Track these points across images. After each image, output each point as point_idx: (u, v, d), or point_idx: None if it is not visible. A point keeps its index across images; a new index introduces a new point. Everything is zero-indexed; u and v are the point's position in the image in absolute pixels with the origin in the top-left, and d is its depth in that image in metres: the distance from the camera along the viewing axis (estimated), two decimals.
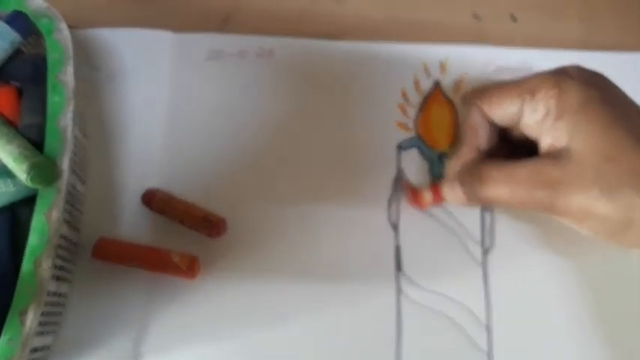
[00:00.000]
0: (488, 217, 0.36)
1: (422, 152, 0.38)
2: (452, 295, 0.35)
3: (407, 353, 0.33)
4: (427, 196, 0.35)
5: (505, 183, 0.29)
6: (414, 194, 0.36)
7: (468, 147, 0.32)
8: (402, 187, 0.37)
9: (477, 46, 0.40)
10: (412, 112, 0.39)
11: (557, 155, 0.28)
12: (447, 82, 0.39)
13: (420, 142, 0.38)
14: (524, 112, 0.29)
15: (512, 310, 0.34)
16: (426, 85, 0.39)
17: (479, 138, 0.32)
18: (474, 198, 0.31)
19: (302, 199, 0.36)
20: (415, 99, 0.39)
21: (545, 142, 0.29)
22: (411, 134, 0.38)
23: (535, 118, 0.29)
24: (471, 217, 0.36)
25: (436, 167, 0.37)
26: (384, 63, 0.40)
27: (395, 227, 0.36)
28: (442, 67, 0.40)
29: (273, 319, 0.34)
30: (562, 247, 0.35)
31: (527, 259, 0.35)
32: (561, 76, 0.29)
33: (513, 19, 0.42)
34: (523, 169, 0.29)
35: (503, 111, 0.30)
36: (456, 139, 0.38)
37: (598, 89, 0.28)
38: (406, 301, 0.34)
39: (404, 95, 0.39)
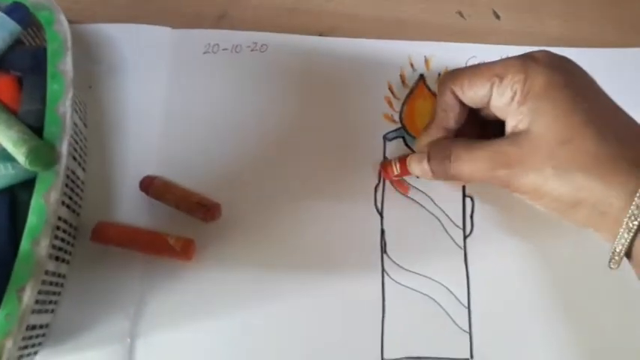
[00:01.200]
0: (469, 203, 0.36)
1: (406, 143, 0.37)
2: (434, 277, 0.34)
3: (390, 332, 0.33)
4: (395, 167, 0.34)
5: (470, 161, 0.29)
6: (383, 166, 0.36)
7: (437, 126, 0.32)
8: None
9: (461, 42, 0.40)
10: (398, 104, 0.38)
11: (518, 136, 0.28)
12: (431, 76, 0.39)
13: (405, 133, 0.38)
14: (493, 95, 0.29)
15: (490, 292, 0.34)
16: (412, 79, 0.39)
17: (448, 119, 0.32)
18: (440, 173, 0.31)
19: (293, 186, 0.36)
20: (401, 92, 0.39)
21: (510, 124, 0.29)
22: (396, 125, 0.38)
23: (502, 101, 0.29)
24: (452, 204, 0.36)
25: None
26: (372, 58, 0.39)
27: (380, 212, 0.36)
28: (427, 62, 0.39)
29: (265, 300, 0.34)
30: (537, 232, 0.35)
31: (505, 243, 0.35)
32: (528, 60, 0.28)
33: (496, 16, 0.41)
34: (486, 150, 0.29)
35: (473, 93, 0.30)
36: None
37: (562, 74, 0.28)
38: (390, 282, 0.34)
39: (390, 89, 0.39)
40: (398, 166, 0.34)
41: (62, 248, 0.32)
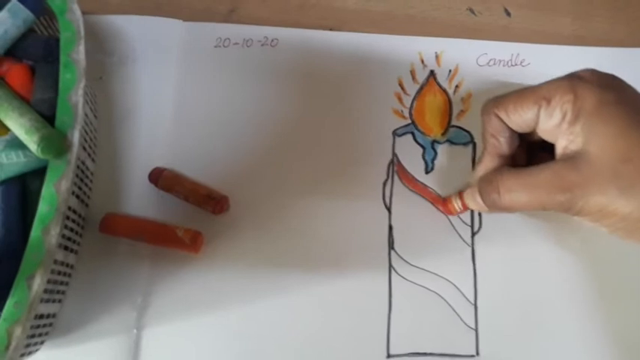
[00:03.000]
0: None
1: (416, 138, 0.37)
2: (441, 273, 0.34)
3: (396, 328, 0.33)
4: (457, 204, 0.34)
5: (523, 191, 0.28)
6: (444, 203, 0.35)
7: (490, 154, 0.31)
8: (395, 171, 0.36)
9: (472, 39, 0.40)
10: (408, 100, 0.38)
11: (573, 158, 0.27)
12: (441, 72, 0.39)
13: (415, 128, 0.37)
14: (541, 118, 0.28)
15: (497, 289, 0.34)
16: (422, 75, 0.39)
17: (500, 145, 0.31)
18: (493, 206, 0.30)
19: (302, 180, 0.36)
20: (411, 88, 0.38)
21: (561, 146, 0.28)
22: (406, 121, 0.38)
23: (551, 123, 0.28)
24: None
25: (429, 153, 0.37)
26: (383, 53, 0.39)
27: (388, 208, 0.36)
28: (437, 58, 0.39)
29: (272, 293, 0.34)
30: (545, 230, 0.35)
31: (513, 241, 0.35)
32: (576, 80, 0.28)
33: (507, 13, 0.41)
34: (541, 176, 0.28)
35: (520, 118, 0.29)
36: (448, 127, 0.37)
37: (612, 91, 0.27)
38: (397, 278, 0.34)
39: (400, 84, 0.38)
40: (459, 202, 0.34)
41: (71, 238, 0.32)
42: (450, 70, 0.39)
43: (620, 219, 0.27)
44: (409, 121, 0.38)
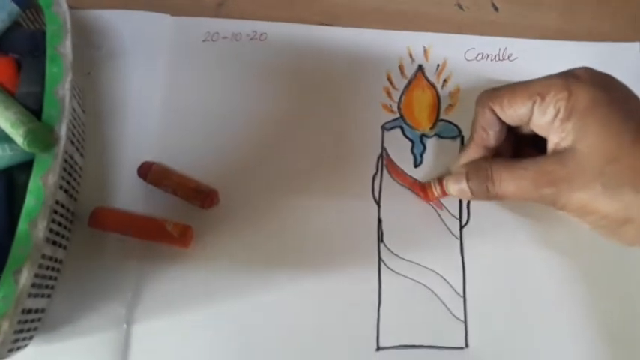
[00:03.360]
0: None
1: (404, 133, 0.37)
2: (430, 266, 0.34)
3: (386, 321, 0.33)
4: (435, 189, 0.34)
5: (512, 181, 0.29)
6: (422, 188, 0.35)
7: (476, 145, 0.32)
8: (384, 165, 0.36)
9: (460, 34, 0.40)
10: (396, 94, 0.38)
11: (563, 154, 0.28)
12: (429, 66, 0.39)
13: (403, 123, 0.38)
14: (534, 113, 0.29)
15: (485, 281, 0.34)
16: (410, 69, 0.39)
17: (489, 137, 0.31)
18: (480, 193, 0.31)
19: (292, 174, 0.36)
20: (400, 82, 0.39)
21: (552, 142, 0.29)
22: (395, 116, 0.38)
23: (545, 119, 0.29)
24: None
25: (417, 147, 0.37)
26: (371, 48, 0.39)
27: (378, 202, 0.36)
28: (426, 52, 0.39)
29: (262, 288, 0.34)
30: (532, 222, 0.35)
31: (501, 234, 0.35)
32: (570, 78, 0.28)
33: (495, 8, 0.41)
34: (530, 169, 0.29)
35: (514, 112, 0.30)
36: (436, 121, 0.38)
37: (606, 91, 0.27)
38: (387, 271, 0.34)
39: (389, 79, 0.39)
40: (438, 188, 0.34)
41: (59, 233, 0.31)
42: (438, 65, 0.39)
43: (602, 217, 0.27)
44: (398, 116, 0.38)
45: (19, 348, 0.30)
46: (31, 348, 0.32)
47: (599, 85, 0.28)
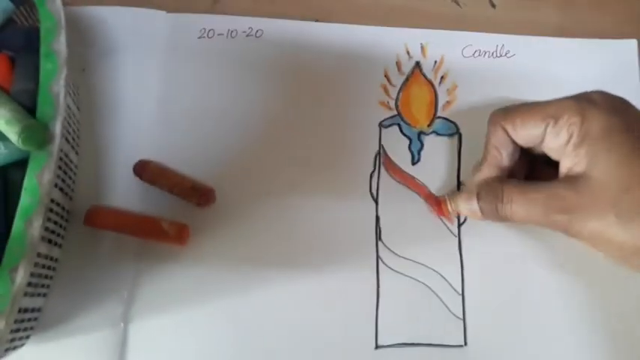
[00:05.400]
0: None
1: (402, 130, 0.37)
2: (428, 264, 0.34)
3: (384, 319, 0.33)
4: (450, 207, 0.34)
5: (524, 205, 0.29)
6: (436, 202, 0.35)
7: (490, 165, 0.32)
8: (382, 162, 0.37)
9: (457, 30, 0.40)
10: (394, 91, 0.38)
11: (575, 180, 0.27)
12: (427, 63, 0.39)
13: (401, 120, 0.38)
14: (547, 135, 0.29)
15: (484, 279, 0.34)
16: (407, 66, 0.39)
17: (502, 157, 0.31)
18: (490, 214, 0.31)
19: (288, 172, 0.36)
20: (397, 79, 0.39)
21: (565, 166, 0.28)
22: (392, 113, 0.38)
23: (557, 143, 0.28)
24: (447, 191, 0.36)
25: (415, 144, 0.37)
26: (368, 44, 0.39)
27: (375, 199, 0.36)
28: (423, 49, 0.39)
29: (259, 286, 0.34)
30: None
31: (499, 231, 0.35)
32: (584, 102, 0.28)
33: (492, 5, 0.42)
34: (542, 193, 0.28)
35: (526, 133, 0.30)
36: (434, 118, 0.38)
37: (620, 117, 0.27)
38: (385, 269, 0.34)
39: (386, 75, 0.39)
40: (453, 205, 0.34)
41: (55, 231, 0.31)
42: (435, 62, 0.39)
43: (615, 246, 0.27)
44: (395, 113, 0.38)
45: (15, 348, 0.30)
46: (27, 347, 0.32)
47: (614, 110, 0.27)
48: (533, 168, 0.33)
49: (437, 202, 0.35)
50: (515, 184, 0.30)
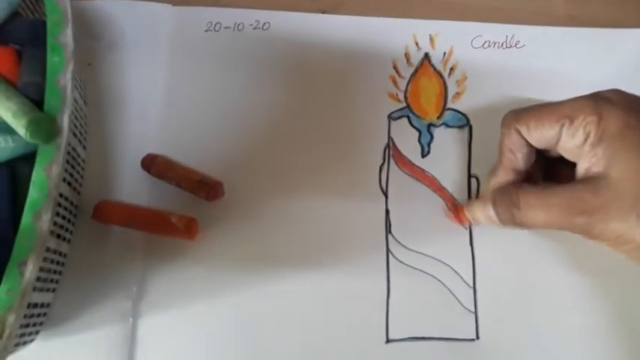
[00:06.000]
0: (474, 183, 0.36)
1: (411, 122, 0.37)
2: (439, 257, 0.34)
3: (395, 313, 0.33)
4: (467, 214, 0.34)
5: (542, 209, 0.28)
6: (455, 210, 0.35)
7: (505, 168, 0.31)
8: (391, 155, 0.36)
9: (466, 21, 0.40)
10: (402, 83, 0.38)
11: (594, 181, 0.27)
12: (436, 54, 0.39)
13: (410, 112, 0.37)
14: (563, 136, 0.28)
15: (495, 272, 0.34)
16: (416, 57, 0.39)
17: (517, 160, 0.31)
18: (506, 220, 0.30)
19: (297, 165, 0.36)
20: (406, 71, 0.38)
21: (582, 167, 0.28)
22: (401, 105, 0.37)
23: (573, 143, 0.28)
24: (458, 184, 0.36)
25: (424, 136, 0.37)
26: (376, 36, 0.39)
27: (385, 193, 0.35)
28: (432, 40, 0.39)
29: (268, 280, 0.33)
30: None
31: None
32: (600, 101, 0.27)
33: None
34: (560, 196, 0.28)
35: (541, 135, 0.29)
36: (444, 110, 0.37)
37: (638, 114, 0.27)
38: (395, 262, 0.34)
39: (395, 67, 0.38)
40: (469, 213, 0.33)
41: (63, 226, 0.31)
42: (444, 53, 0.39)
43: (637, 247, 0.26)
44: (404, 105, 0.37)
45: (24, 343, 0.30)
46: (37, 343, 0.31)
47: (631, 108, 0.27)
48: (551, 169, 0.32)
49: (455, 210, 0.35)
50: (531, 188, 0.29)
